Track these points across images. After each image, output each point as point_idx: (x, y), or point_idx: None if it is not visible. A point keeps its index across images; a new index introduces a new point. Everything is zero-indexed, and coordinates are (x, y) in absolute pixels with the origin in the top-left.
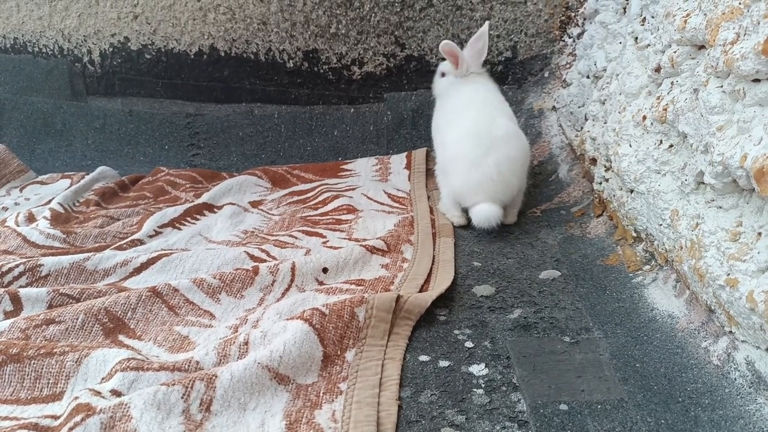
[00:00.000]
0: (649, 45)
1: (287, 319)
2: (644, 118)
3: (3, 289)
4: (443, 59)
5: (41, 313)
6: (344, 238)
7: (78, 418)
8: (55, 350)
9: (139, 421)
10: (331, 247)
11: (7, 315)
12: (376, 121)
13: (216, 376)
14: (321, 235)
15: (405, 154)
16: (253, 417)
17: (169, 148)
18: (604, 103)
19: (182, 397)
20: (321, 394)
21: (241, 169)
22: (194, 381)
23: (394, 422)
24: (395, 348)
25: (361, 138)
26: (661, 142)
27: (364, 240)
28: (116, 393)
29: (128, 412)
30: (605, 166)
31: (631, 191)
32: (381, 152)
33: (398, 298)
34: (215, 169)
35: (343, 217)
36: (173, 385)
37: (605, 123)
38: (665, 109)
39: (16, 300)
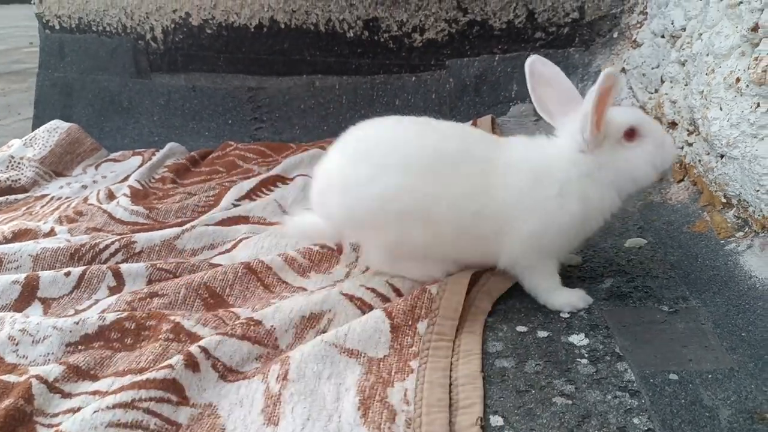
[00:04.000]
0: (741, 3)
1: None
2: (738, 80)
3: (105, 266)
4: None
5: (144, 287)
6: None
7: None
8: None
9: (227, 420)
10: None
11: (112, 290)
12: (438, 89)
13: (288, 356)
14: None
15: (470, 122)
16: (329, 388)
17: (233, 123)
18: (684, 65)
19: (261, 381)
20: (393, 373)
21: (304, 142)
22: (270, 365)
23: (482, 395)
24: (474, 322)
25: (423, 107)
26: (758, 105)
27: None
28: (204, 350)
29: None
30: (688, 130)
31: (722, 156)
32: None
33: (479, 277)
34: (279, 142)
35: None
36: (253, 376)
37: (686, 85)
38: (765, 71)
39: (117, 275)
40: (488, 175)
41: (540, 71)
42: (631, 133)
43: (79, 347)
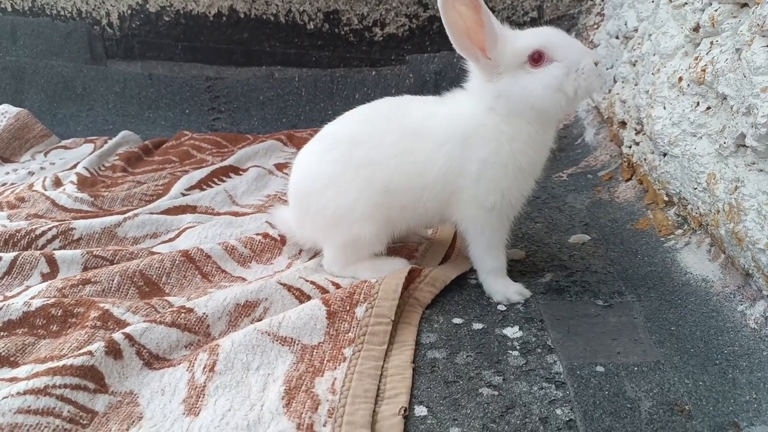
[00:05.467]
0: (686, 3)
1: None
2: (680, 79)
3: (39, 252)
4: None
5: (77, 273)
6: None
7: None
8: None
9: (146, 409)
10: None
11: (45, 277)
12: (398, 83)
13: (218, 345)
14: None
15: None
16: (256, 379)
17: (190, 112)
18: (635, 65)
19: (186, 370)
20: (325, 361)
21: (262, 134)
22: (198, 354)
23: (409, 386)
24: (412, 312)
25: None
26: (698, 104)
27: None
28: (128, 336)
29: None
30: (636, 129)
31: (665, 154)
32: None
33: (420, 270)
34: (236, 133)
35: None
36: (179, 364)
37: (636, 85)
38: (704, 70)
39: (51, 262)
40: (408, 140)
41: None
42: (537, 57)
43: (1, 333)
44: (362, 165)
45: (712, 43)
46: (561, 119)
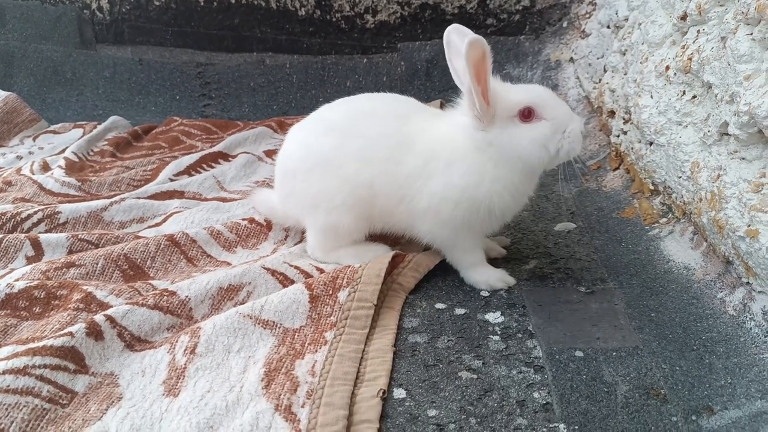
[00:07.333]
0: None
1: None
2: (667, 68)
3: (24, 235)
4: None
5: (62, 257)
6: None
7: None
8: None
9: (125, 389)
10: None
11: (30, 260)
12: (390, 71)
13: (200, 328)
14: None
15: None
16: (237, 361)
17: (180, 98)
18: (624, 54)
19: (167, 352)
20: (306, 344)
21: (252, 120)
22: (179, 336)
23: (389, 369)
24: (395, 297)
25: (374, 89)
26: (684, 92)
27: None
28: (110, 318)
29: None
30: (624, 119)
31: (651, 143)
32: None
33: (404, 255)
34: (226, 120)
35: None
36: (160, 346)
37: (625, 74)
38: (690, 59)
39: (36, 245)
40: (400, 149)
41: (455, 42)
42: (527, 113)
43: None
44: (352, 158)
45: (698, 31)
46: (543, 170)
